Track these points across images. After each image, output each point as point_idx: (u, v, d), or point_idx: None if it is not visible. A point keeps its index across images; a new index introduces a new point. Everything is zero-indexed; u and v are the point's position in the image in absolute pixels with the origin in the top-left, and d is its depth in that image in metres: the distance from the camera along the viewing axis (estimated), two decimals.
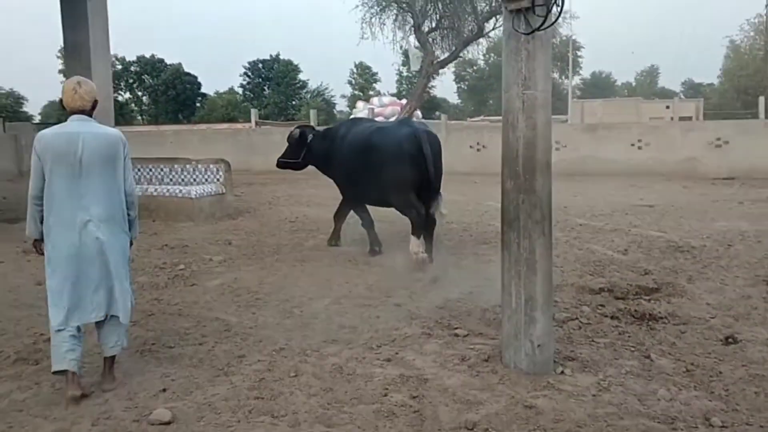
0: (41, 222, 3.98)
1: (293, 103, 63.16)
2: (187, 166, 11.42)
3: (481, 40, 20.55)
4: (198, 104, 65.07)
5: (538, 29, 3.95)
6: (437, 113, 25.61)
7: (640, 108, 38.43)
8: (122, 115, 60.02)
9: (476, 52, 22.04)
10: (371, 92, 57.09)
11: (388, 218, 8.39)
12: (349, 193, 8.20)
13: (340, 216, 8.50)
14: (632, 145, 18.92)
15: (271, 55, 66.02)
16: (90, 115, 4.09)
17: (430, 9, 20.43)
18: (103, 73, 11.86)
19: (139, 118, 64.78)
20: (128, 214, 4.22)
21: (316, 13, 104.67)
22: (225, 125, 26.96)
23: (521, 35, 4.01)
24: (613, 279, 6.62)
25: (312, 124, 20.64)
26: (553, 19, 3.98)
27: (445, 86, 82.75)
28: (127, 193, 4.20)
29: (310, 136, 8.43)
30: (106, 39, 11.91)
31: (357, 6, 20.48)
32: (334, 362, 4.44)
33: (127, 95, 66.58)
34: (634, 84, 78.07)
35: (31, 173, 3.93)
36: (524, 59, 4.04)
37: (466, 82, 67.78)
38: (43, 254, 4.02)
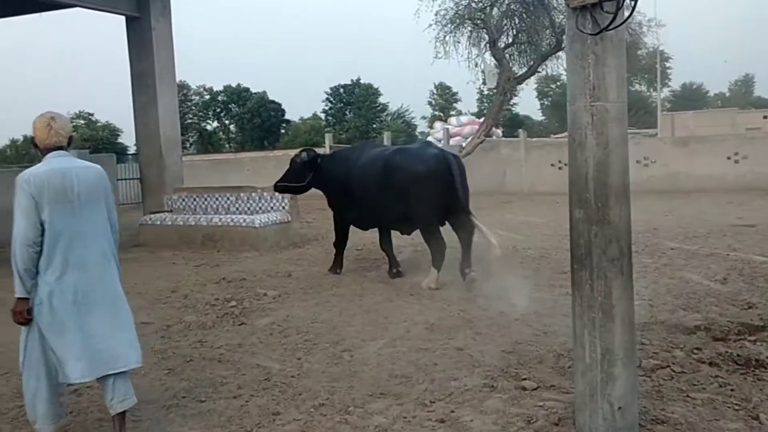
0: (36, 272, 3.52)
1: (374, 126, 63.22)
2: (253, 194, 11.14)
3: (559, 53, 19.57)
4: (282, 131, 66.06)
5: (607, 28, 3.28)
6: (519, 131, 24.72)
7: (735, 119, 36.22)
8: (210, 144, 61.77)
9: (556, 66, 20.95)
10: (452, 112, 56.51)
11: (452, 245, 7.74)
12: (356, 215, 8.02)
13: (385, 243, 8.16)
14: (728, 158, 17.62)
15: (352, 80, 66.56)
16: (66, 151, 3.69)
17: (506, 24, 19.70)
18: (168, 101, 11.82)
19: (227, 146, 66.26)
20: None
21: (395, 35, 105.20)
22: None
23: (587, 36, 3.35)
24: (711, 315, 5.76)
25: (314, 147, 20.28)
26: (626, 16, 3.31)
27: (528, 104, 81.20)
28: (114, 230, 3.81)
29: (319, 160, 8.33)
30: (171, 67, 11.87)
31: (430, 25, 19.95)
32: (378, 423, 3.85)
33: (215, 124, 68.36)
34: (728, 94, 74.31)
35: (21, 217, 3.44)
36: (592, 64, 3.37)
37: (550, 98, 66.22)
38: (27, 321, 3.55)
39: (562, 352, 4.92)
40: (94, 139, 54.49)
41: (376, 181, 7.48)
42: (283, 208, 10.94)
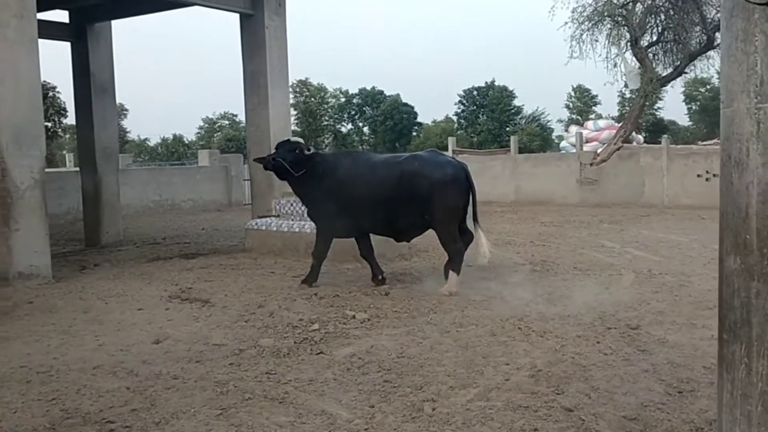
0: None
1: (507, 129, 61.62)
2: None
3: (710, 53, 17.72)
4: (414, 133, 66.00)
5: None
6: (662, 137, 22.80)
7: None
8: (344, 146, 62.77)
9: (705, 66, 18.98)
10: (591, 116, 54.05)
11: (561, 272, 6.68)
12: (350, 222, 7.94)
13: (367, 251, 8.35)
14: None
15: (486, 82, 65.37)
16: None
17: (650, 21, 18.07)
18: (280, 102, 11.41)
19: (360, 148, 67.10)
20: None
21: (530, 34, 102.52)
22: None
23: (755, 8, 2.33)
24: None
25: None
26: None
27: (673, 107, 76.41)
28: None
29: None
30: (284, 68, 11.45)
31: (566, 22, 18.64)
32: None
33: (350, 126, 69.54)
34: None
35: None
36: (760, 49, 2.35)
37: (698, 102, 62.02)
38: None
39: (701, 426, 3.82)
40: (236, 139, 56.64)
41: (390, 187, 7.58)
42: None
